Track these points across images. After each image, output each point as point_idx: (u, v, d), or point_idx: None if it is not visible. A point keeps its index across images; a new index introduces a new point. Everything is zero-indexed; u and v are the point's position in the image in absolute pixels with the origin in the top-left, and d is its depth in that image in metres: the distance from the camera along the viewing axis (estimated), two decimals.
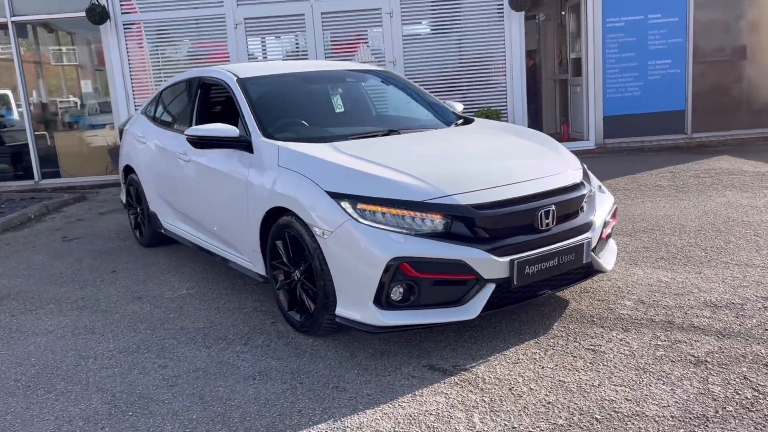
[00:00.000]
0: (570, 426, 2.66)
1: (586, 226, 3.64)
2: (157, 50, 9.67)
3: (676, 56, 9.68)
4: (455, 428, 2.70)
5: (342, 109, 4.81)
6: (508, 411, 2.81)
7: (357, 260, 3.25)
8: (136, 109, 9.66)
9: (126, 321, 4.18)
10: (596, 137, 9.83)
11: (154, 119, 5.69)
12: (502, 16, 9.44)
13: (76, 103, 10.70)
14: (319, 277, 3.44)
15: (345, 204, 3.33)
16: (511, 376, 3.10)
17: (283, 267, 3.83)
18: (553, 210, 3.45)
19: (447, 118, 4.76)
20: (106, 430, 2.87)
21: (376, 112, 4.90)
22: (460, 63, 9.64)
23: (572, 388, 2.96)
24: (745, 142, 9.78)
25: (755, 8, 9.85)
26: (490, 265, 3.22)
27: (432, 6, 9.49)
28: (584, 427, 2.65)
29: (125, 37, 9.48)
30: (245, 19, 9.39)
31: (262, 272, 4.08)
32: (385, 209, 3.28)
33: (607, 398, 2.85)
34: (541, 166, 3.77)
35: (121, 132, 6.45)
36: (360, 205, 3.31)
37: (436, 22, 9.55)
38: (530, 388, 2.99)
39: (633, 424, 2.65)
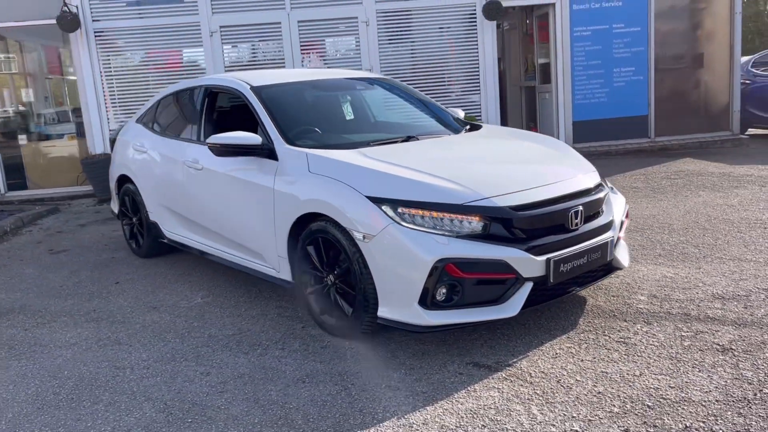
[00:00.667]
0: (625, 413, 2.82)
1: (608, 226, 3.83)
2: (126, 58, 9.52)
3: (639, 64, 10.11)
4: (518, 420, 2.82)
5: (352, 116, 4.89)
6: (562, 402, 2.94)
7: (401, 263, 3.34)
8: (108, 119, 9.49)
9: (149, 331, 4.15)
10: (566, 142, 10.14)
11: (153, 128, 5.64)
12: (475, 25, 9.68)
13: (31, 112, 10.42)
14: (359, 280, 3.52)
15: (386, 208, 3.42)
16: (555, 370, 3.24)
17: (314, 272, 3.88)
18: (581, 210, 3.63)
19: (454, 125, 4.90)
20: (193, 425, 2.89)
21: (387, 119, 5.00)
22: (435, 70, 9.82)
23: (616, 378, 3.12)
24: (704, 144, 10.29)
25: (710, 18, 10.39)
26: (529, 264, 3.36)
27: (407, 15, 9.65)
28: (639, 414, 2.80)
29: (96, 44, 9.29)
30: (221, 27, 9.35)
31: (288, 278, 4.12)
32: (425, 212, 3.38)
33: (652, 386, 3.02)
34: (564, 169, 3.95)
35: (113, 142, 6.35)
36: (400, 209, 3.41)
37: (411, 30, 9.72)
38: (576, 380, 3.13)
39: (683, 408, 2.82)
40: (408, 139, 4.36)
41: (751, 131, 11.55)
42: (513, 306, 3.38)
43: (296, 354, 3.64)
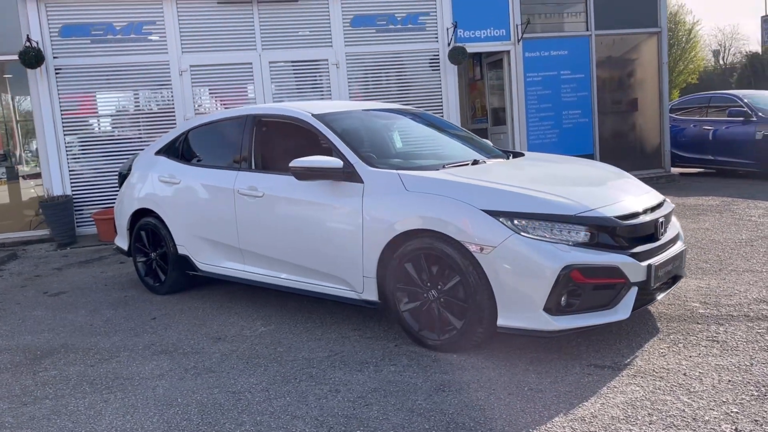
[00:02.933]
0: (765, 395, 3.09)
1: (678, 237, 4.19)
2: (88, 97, 9.16)
3: (584, 107, 10.95)
4: (676, 407, 3.02)
5: (406, 143, 5.05)
6: (703, 391, 3.18)
7: (526, 272, 3.50)
8: (67, 157, 9.04)
9: (234, 359, 4.03)
10: None
11: (183, 159, 5.51)
12: (439, 69, 10.15)
13: None
14: (474, 292, 3.63)
15: (503, 220, 3.59)
16: (673, 366, 3.48)
17: (410, 289, 3.95)
18: (663, 221, 3.96)
19: (496, 151, 5.17)
20: None
21: (441, 146, 5.16)
22: None
23: (733, 369, 3.40)
24: (643, 181, 11.17)
25: (641, 68, 11.46)
26: (636, 269, 3.63)
27: (376, 58, 9.97)
28: None
29: (57, 82, 8.90)
30: (191, 66, 9.24)
31: (374, 298, 4.15)
32: (541, 223, 3.58)
33: None
34: (633, 186, 4.29)
35: (123, 176, 6.11)
36: (516, 221, 3.59)
37: (379, 72, 10.03)
38: (700, 372, 3.39)
39: None
40: (475, 162, 4.57)
41: (674, 169, 12.68)
42: (625, 309, 3.61)
43: (412, 368, 3.67)
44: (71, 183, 9.13)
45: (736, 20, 71.38)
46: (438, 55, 10.14)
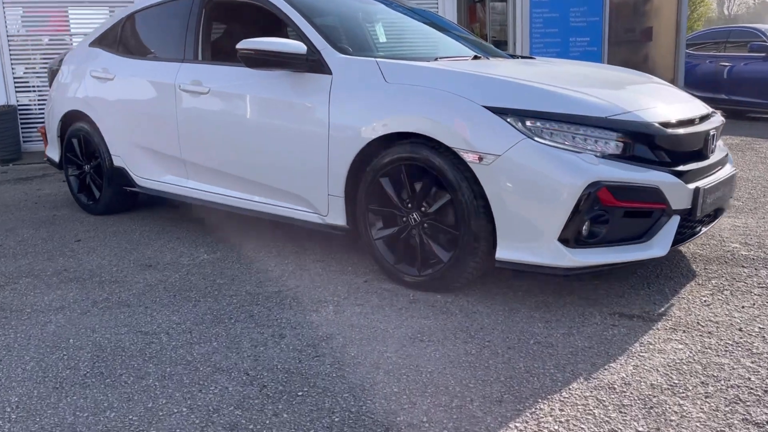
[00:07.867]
0: None
1: (727, 158, 3.33)
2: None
3: (594, 35, 9.91)
4: (738, 374, 2.20)
5: (390, 34, 4.11)
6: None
7: (538, 189, 2.63)
8: (11, 60, 7.98)
9: (161, 290, 3.17)
10: None
11: (120, 50, 4.53)
12: None
13: None
14: (468, 215, 2.77)
15: (511, 120, 2.70)
16: (723, 319, 2.66)
17: (387, 211, 3.08)
18: (714, 135, 3.09)
19: (503, 53, 4.24)
20: (308, 400, 2.02)
21: (434, 39, 4.19)
22: None
23: None
24: None
25: None
26: (680, 192, 2.77)
27: None
28: None
29: None
30: None
31: (341, 222, 3.29)
32: (561, 126, 2.70)
33: None
34: (675, 92, 3.39)
35: (53, 73, 5.12)
36: (530, 122, 2.70)
37: None
38: (760, 328, 2.57)
39: None
40: (476, 57, 3.65)
41: None
42: (663, 244, 2.77)
43: (383, 311, 2.83)
44: (16, 91, 8.09)
45: None
46: None
